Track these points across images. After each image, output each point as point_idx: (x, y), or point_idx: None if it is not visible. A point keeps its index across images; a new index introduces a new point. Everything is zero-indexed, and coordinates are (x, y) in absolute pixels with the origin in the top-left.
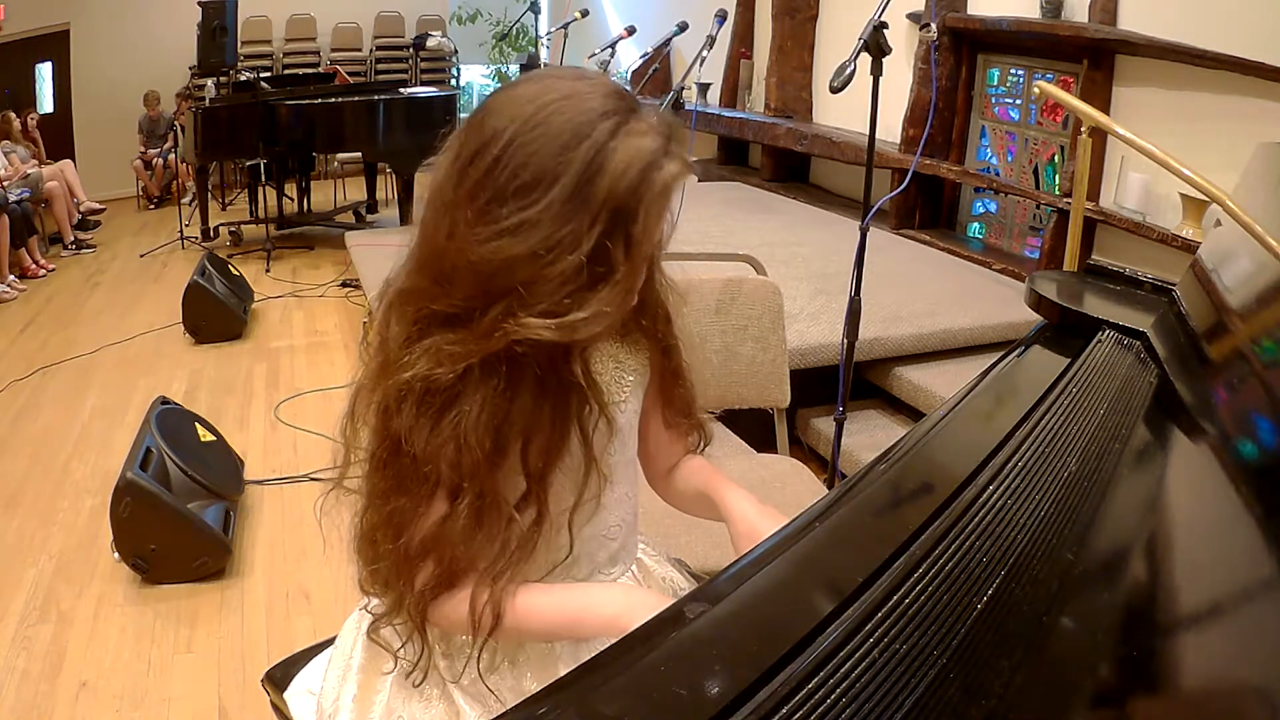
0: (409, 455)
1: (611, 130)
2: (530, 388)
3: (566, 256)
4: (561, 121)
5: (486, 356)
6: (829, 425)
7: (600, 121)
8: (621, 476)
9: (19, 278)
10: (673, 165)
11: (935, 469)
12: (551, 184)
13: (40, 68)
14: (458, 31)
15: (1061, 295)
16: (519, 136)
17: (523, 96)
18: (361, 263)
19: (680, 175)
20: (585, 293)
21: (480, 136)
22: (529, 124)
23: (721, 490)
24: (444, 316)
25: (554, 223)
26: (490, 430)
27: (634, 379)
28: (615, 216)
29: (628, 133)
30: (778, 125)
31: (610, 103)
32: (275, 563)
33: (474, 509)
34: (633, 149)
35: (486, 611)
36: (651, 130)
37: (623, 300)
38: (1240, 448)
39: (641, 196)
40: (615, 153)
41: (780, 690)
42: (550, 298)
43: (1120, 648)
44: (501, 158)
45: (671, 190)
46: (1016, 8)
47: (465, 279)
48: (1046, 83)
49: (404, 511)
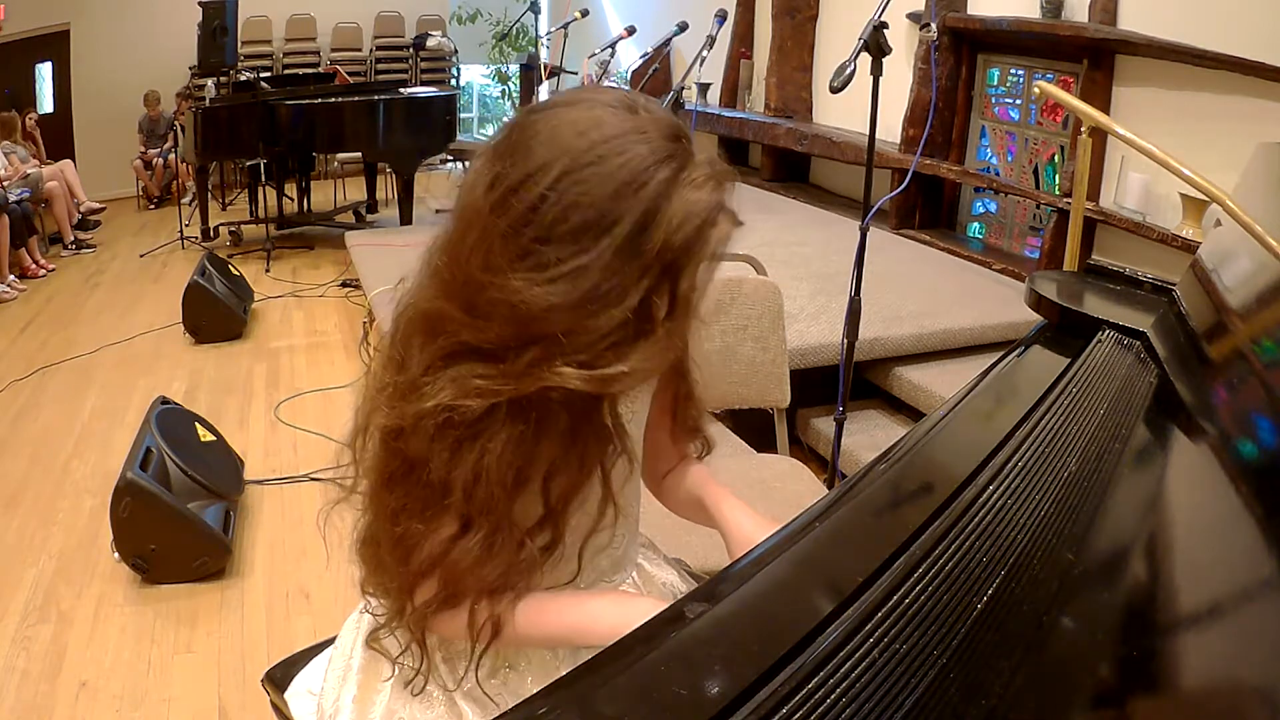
0: (423, 479)
1: (670, 179)
2: (558, 433)
3: (612, 310)
4: (617, 164)
5: (516, 397)
6: (829, 425)
7: (658, 170)
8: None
9: (19, 278)
10: (727, 224)
11: (935, 469)
12: (604, 232)
13: (40, 68)
14: (458, 31)
15: (1061, 295)
16: (570, 173)
17: (573, 126)
18: (361, 263)
19: (732, 231)
20: (626, 347)
21: (525, 165)
22: (581, 161)
23: (717, 500)
24: (475, 350)
25: (603, 273)
26: (513, 469)
27: (642, 391)
28: (665, 271)
29: (685, 183)
30: (778, 125)
31: (668, 146)
32: (275, 563)
33: (487, 542)
34: (690, 202)
35: (486, 626)
36: (709, 180)
37: (662, 355)
38: (1240, 448)
39: (695, 253)
40: (672, 204)
41: (780, 690)
42: (590, 349)
43: (1120, 648)
44: (549, 195)
45: (722, 244)
46: (1016, 8)
47: (503, 317)
48: (1046, 83)
49: (413, 533)
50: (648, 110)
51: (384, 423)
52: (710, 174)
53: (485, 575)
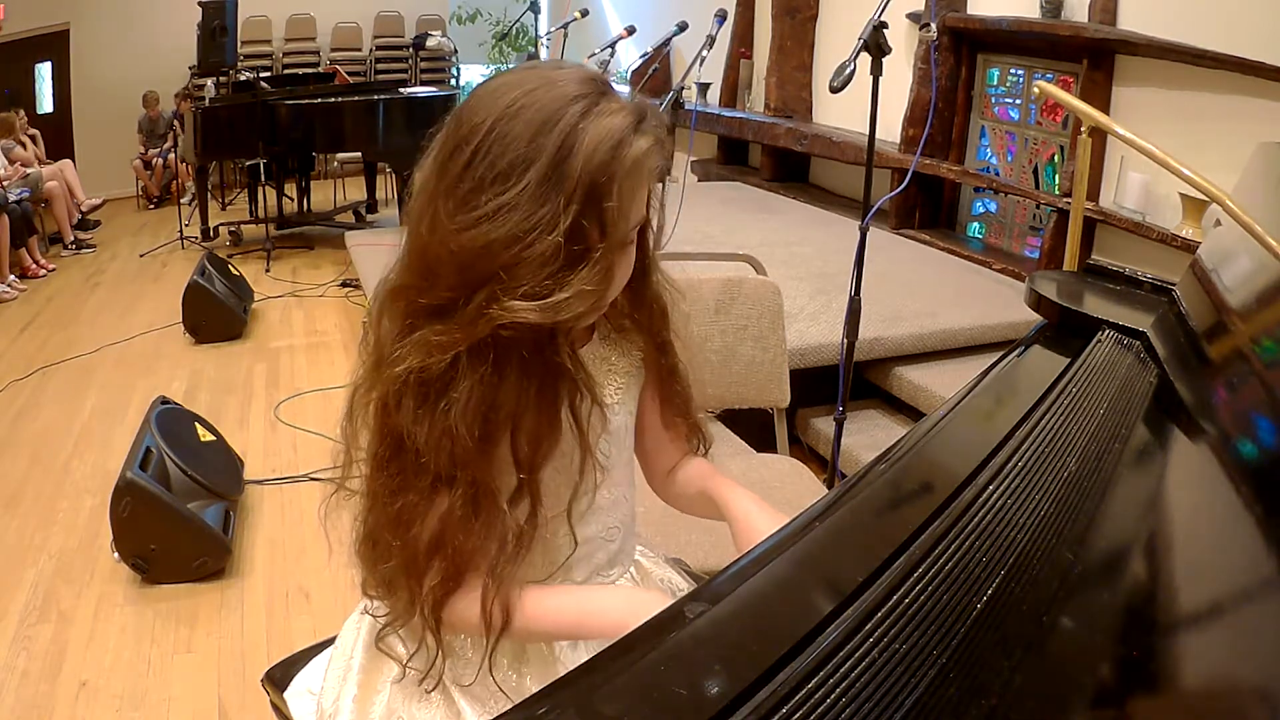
0: (410, 451)
1: (582, 112)
2: (516, 371)
3: (545, 238)
4: (535, 109)
5: (474, 344)
6: (829, 425)
7: (571, 105)
8: (619, 478)
9: (19, 278)
10: (642, 141)
11: (935, 469)
12: (526, 168)
13: (40, 68)
14: (457, 31)
15: (1061, 295)
16: (496, 127)
17: (500, 88)
18: (361, 262)
19: (651, 151)
20: (565, 273)
21: (460, 131)
22: (505, 114)
23: (723, 490)
24: (431, 309)
25: (530, 205)
26: (478, 415)
27: (628, 380)
28: (589, 195)
29: (598, 113)
30: (778, 125)
31: (582, 87)
32: (275, 562)
33: (468, 497)
34: (603, 128)
35: (496, 610)
36: (622, 109)
37: (602, 280)
38: (1240, 448)
39: (613, 173)
40: (586, 133)
41: (780, 690)
42: (531, 280)
43: (1120, 648)
44: (480, 148)
45: (644, 166)
46: (1016, 8)
47: (448, 269)
48: (1046, 83)
49: (410, 508)
50: (568, 67)
51: (365, 400)
52: (623, 105)
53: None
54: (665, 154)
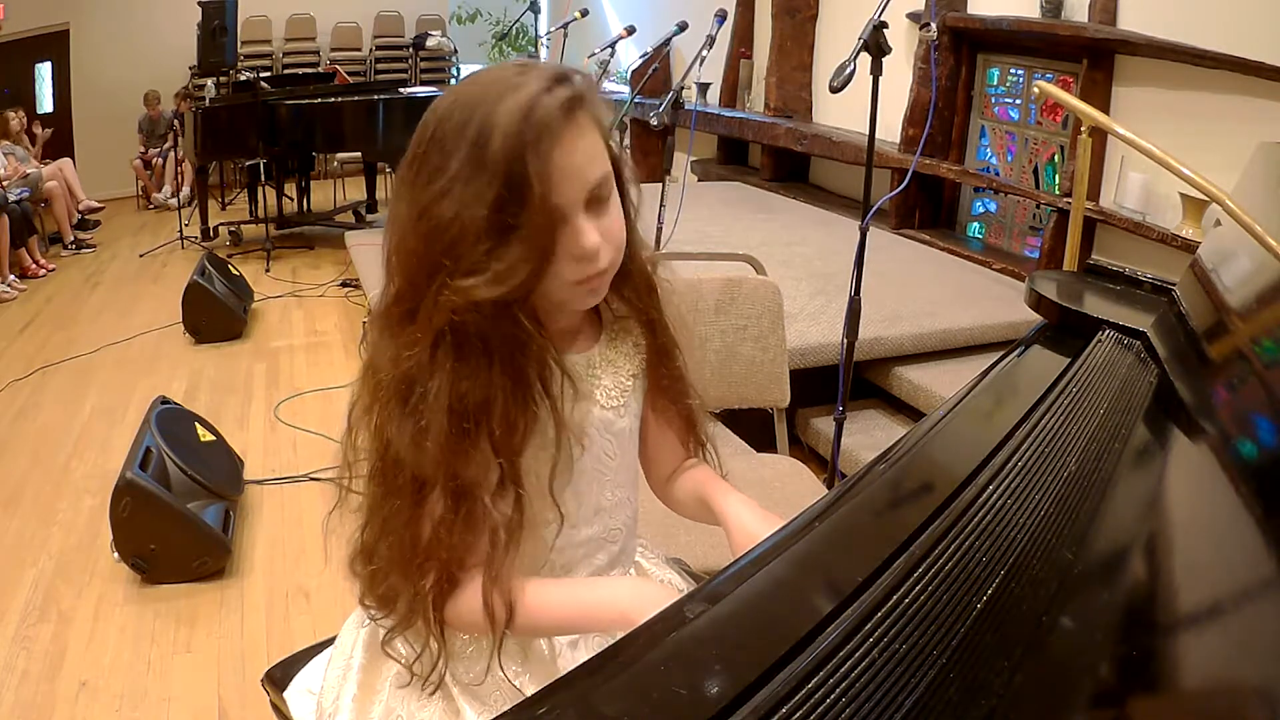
0: (391, 457)
1: (500, 94)
2: (480, 357)
3: (474, 212)
4: (465, 101)
5: (437, 338)
6: (829, 425)
7: (494, 88)
8: (624, 480)
9: (19, 278)
10: (549, 99)
11: (935, 469)
12: (454, 153)
13: (40, 68)
14: (457, 31)
15: (1061, 295)
16: (440, 127)
17: (448, 93)
18: (361, 262)
19: (555, 106)
20: (502, 247)
21: (417, 141)
22: (446, 114)
23: (719, 496)
24: (403, 314)
25: (460, 187)
26: (449, 409)
27: (633, 383)
28: (510, 166)
29: (513, 88)
30: (777, 125)
31: (509, 73)
32: (275, 562)
33: (449, 495)
34: (512, 100)
35: (497, 604)
36: (535, 79)
37: (541, 249)
38: (1240, 448)
39: (526, 139)
40: (499, 108)
41: (780, 690)
42: (470, 257)
43: (1120, 648)
44: (428, 149)
45: (560, 122)
46: (1016, 8)
47: (403, 265)
48: (1046, 83)
49: (400, 512)
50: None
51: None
52: (538, 74)
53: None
54: (592, 105)
